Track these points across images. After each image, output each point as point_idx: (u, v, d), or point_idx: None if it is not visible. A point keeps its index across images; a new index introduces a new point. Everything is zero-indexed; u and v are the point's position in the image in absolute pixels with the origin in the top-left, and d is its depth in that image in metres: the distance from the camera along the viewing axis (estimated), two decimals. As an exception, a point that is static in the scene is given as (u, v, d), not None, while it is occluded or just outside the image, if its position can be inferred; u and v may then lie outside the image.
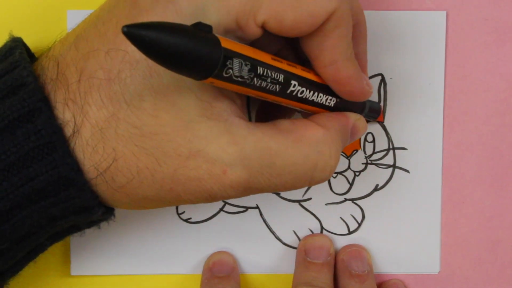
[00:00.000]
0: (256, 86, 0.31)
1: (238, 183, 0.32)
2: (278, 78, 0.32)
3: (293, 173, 0.33)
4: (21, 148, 0.31)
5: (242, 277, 0.44)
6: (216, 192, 0.32)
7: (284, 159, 0.33)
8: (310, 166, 0.34)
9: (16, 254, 0.34)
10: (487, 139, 0.44)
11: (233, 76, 0.29)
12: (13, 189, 0.31)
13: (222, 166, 0.32)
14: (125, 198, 0.33)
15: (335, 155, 0.34)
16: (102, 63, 0.31)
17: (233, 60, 0.29)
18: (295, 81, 0.33)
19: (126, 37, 0.26)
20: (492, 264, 0.44)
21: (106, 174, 0.32)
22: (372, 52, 0.43)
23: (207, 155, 0.31)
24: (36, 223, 0.33)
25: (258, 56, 0.31)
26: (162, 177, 0.32)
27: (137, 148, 0.31)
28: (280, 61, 0.33)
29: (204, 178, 0.32)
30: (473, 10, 0.43)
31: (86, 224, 0.36)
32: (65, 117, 0.31)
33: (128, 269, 0.44)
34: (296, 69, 0.34)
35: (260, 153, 0.32)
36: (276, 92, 0.32)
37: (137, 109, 0.31)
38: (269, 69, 0.31)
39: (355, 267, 0.43)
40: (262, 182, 0.33)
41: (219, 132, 0.31)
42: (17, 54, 0.33)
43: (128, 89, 0.31)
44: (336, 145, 0.34)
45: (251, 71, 0.30)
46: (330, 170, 0.34)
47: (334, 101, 0.36)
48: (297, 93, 0.34)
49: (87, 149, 0.31)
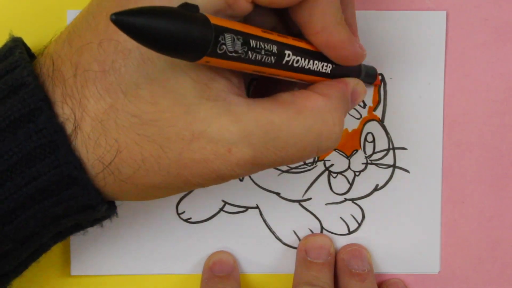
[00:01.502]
0: (252, 60, 0.31)
1: (245, 160, 0.32)
2: (271, 49, 0.32)
3: (298, 145, 0.33)
4: (23, 148, 0.31)
5: (242, 277, 0.44)
6: (224, 171, 0.32)
7: (287, 131, 0.33)
8: (315, 136, 0.33)
9: (20, 254, 0.34)
10: (487, 139, 0.44)
11: (227, 52, 0.29)
12: (16, 190, 0.31)
13: (226, 145, 0.31)
14: (134, 189, 0.33)
15: (338, 121, 0.34)
16: (95, 55, 0.31)
17: (225, 36, 0.29)
18: (289, 51, 0.33)
19: (115, 25, 0.26)
20: (492, 264, 0.44)
21: (111, 166, 0.32)
22: (372, 52, 0.43)
23: (210, 136, 0.31)
24: (40, 222, 0.33)
25: (249, 30, 0.31)
26: (168, 163, 0.32)
27: (139, 136, 0.31)
28: (271, 33, 0.33)
29: (210, 159, 0.32)
30: (473, 10, 0.43)
31: (89, 223, 0.36)
32: (65, 113, 0.31)
33: (128, 269, 0.44)
34: (288, 39, 0.34)
35: (263, 128, 0.32)
36: (272, 64, 0.32)
37: (134, 98, 0.31)
38: (261, 41, 0.31)
39: (355, 266, 0.43)
40: (268, 157, 0.33)
41: (219, 112, 0.31)
42: (17, 54, 0.33)
43: (124, 79, 0.31)
44: (338, 112, 0.34)
45: (244, 45, 0.30)
46: (336, 138, 0.34)
47: (330, 67, 0.36)
48: (292, 63, 0.33)
49: (89, 143, 0.31)
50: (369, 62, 0.42)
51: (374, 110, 0.44)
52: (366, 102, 0.44)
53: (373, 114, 0.44)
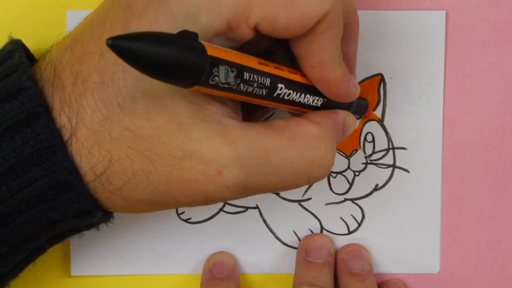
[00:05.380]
0: (243, 91, 0.31)
1: (234, 183, 0.32)
2: (264, 82, 0.32)
3: (290, 171, 0.33)
4: (20, 152, 0.31)
5: (242, 277, 0.44)
6: (212, 193, 0.32)
7: (280, 156, 0.33)
8: (307, 163, 0.33)
9: (15, 257, 0.34)
10: (487, 139, 0.44)
11: (219, 83, 0.29)
12: (12, 194, 0.31)
13: (217, 167, 0.31)
14: (121, 201, 0.33)
15: (330, 150, 0.34)
16: (96, 65, 0.31)
17: (219, 68, 0.29)
18: (281, 84, 0.33)
19: (111, 49, 0.26)
20: (492, 264, 0.44)
21: (103, 177, 0.32)
22: (372, 52, 0.43)
23: (202, 156, 0.31)
24: (35, 226, 0.33)
25: (245, 61, 0.31)
26: (157, 179, 0.32)
27: (131, 150, 0.31)
28: (267, 64, 0.32)
29: (199, 179, 0.31)
30: (473, 10, 0.43)
31: (85, 227, 0.36)
32: (62, 121, 0.31)
33: (128, 269, 0.44)
34: (283, 72, 0.33)
35: (256, 152, 0.32)
36: (262, 96, 0.32)
37: (130, 112, 0.31)
38: (255, 74, 0.31)
39: (355, 266, 0.43)
40: (259, 181, 0.33)
41: (212, 133, 0.31)
42: (16, 58, 0.33)
43: (121, 92, 0.31)
44: (330, 140, 0.34)
45: (237, 77, 0.30)
46: (328, 166, 0.34)
47: (321, 101, 0.36)
48: (283, 96, 0.33)
49: (83, 152, 0.31)
50: (369, 62, 0.42)
51: (374, 110, 0.44)
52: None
53: (373, 114, 0.44)
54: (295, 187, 0.34)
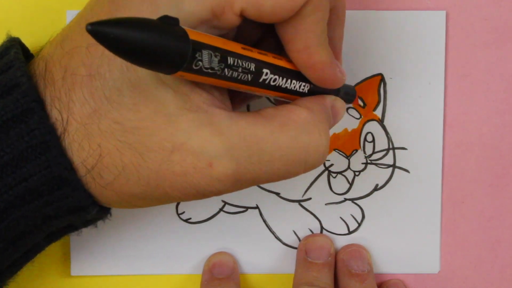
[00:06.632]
0: (227, 77, 0.30)
1: (226, 175, 0.31)
2: (249, 67, 0.31)
3: (284, 158, 0.32)
4: (15, 148, 0.31)
5: (242, 277, 0.44)
6: (204, 186, 0.31)
7: (272, 144, 0.32)
8: (302, 148, 0.33)
9: (12, 254, 0.34)
10: (487, 139, 0.44)
11: (203, 68, 0.29)
12: (6, 189, 0.31)
13: (207, 159, 0.31)
14: (114, 196, 0.33)
15: (324, 134, 0.33)
16: (83, 59, 0.31)
17: (202, 52, 0.28)
18: (267, 69, 0.32)
19: (90, 35, 0.25)
20: (492, 264, 0.44)
21: (94, 171, 0.32)
22: (372, 52, 0.43)
23: (191, 148, 0.31)
24: (30, 222, 0.33)
25: (228, 46, 0.30)
26: (148, 173, 0.31)
27: (120, 143, 0.31)
28: (251, 50, 0.32)
29: (189, 172, 0.31)
30: (473, 10, 0.43)
31: (82, 223, 0.35)
32: (53, 115, 0.31)
33: (128, 269, 0.44)
34: (268, 57, 0.33)
35: (247, 141, 0.31)
36: (248, 81, 0.32)
37: (117, 104, 0.31)
38: (239, 58, 0.31)
39: (355, 266, 0.43)
40: (252, 171, 0.32)
41: (200, 123, 0.31)
42: (12, 54, 0.33)
43: (108, 84, 0.31)
44: (323, 125, 0.34)
45: (221, 62, 0.30)
46: (323, 151, 0.33)
47: (307, 87, 0.35)
48: (269, 81, 0.33)
49: (74, 146, 0.31)
50: (369, 62, 0.42)
51: (374, 110, 0.44)
52: (366, 101, 0.44)
53: (373, 114, 0.44)
54: (291, 176, 0.33)
